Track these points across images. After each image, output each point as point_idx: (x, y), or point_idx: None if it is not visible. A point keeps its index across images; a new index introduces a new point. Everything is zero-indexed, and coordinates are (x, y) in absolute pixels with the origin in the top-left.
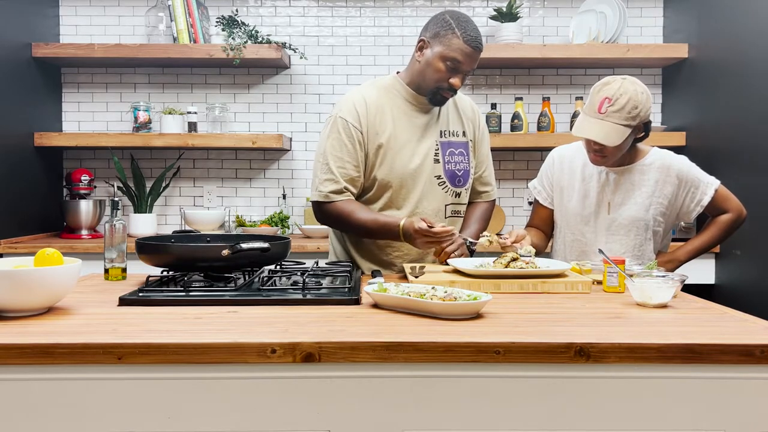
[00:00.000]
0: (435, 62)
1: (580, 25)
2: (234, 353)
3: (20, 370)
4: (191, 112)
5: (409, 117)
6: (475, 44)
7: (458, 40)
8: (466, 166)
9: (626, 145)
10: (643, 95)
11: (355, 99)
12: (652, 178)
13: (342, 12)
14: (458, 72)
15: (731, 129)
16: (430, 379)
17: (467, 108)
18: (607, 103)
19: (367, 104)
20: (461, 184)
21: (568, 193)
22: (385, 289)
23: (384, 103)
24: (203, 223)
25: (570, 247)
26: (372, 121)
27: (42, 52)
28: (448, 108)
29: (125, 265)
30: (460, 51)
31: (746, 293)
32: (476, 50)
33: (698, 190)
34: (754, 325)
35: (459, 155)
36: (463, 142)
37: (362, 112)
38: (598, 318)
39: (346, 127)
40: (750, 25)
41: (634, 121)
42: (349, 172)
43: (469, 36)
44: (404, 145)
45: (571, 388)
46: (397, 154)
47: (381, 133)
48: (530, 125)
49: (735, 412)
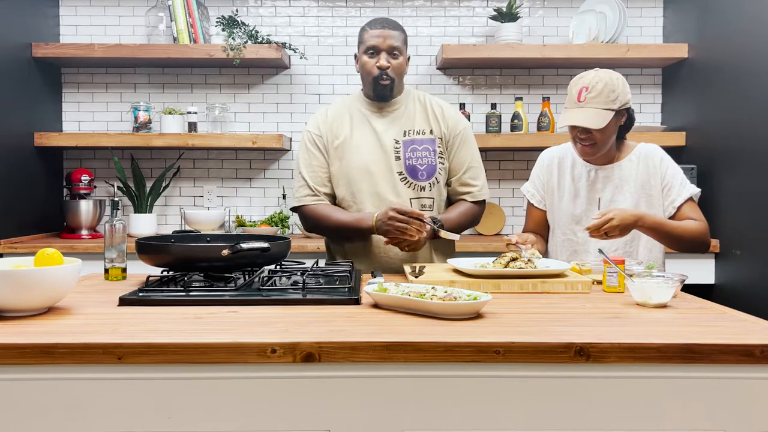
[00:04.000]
0: (362, 60)
1: (580, 25)
2: (234, 353)
3: (20, 370)
4: (191, 112)
5: (366, 121)
6: (380, 25)
7: (367, 31)
8: (432, 161)
9: (612, 132)
10: (618, 80)
11: (319, 112)
12: (640, 171)
13: (342, 12)
14: (378, 53)
15: (731, 129)
16: (430, 379)
17: (437, 110)
18: (585, 92)
19: (327, 115)
20: (423, 178)
21: (559, 194)
22: (385, 289)
23: (344, 112)
24: (203, 223)
25: (562, 246)
26: (330, 127)
27: (42, 52)
28: (415, 110)
29: (125, 265)
30: (371, 36)
31: (746, 293)
32: (384, 28)
33: (673, 189)
34: (754, 325)
35: (423, 151)
36: (429, 139)
37: (322, 121)
38: (598, 318)
39: (310, 137)
40: (750, 25)
41: (614, 105)
42: (319, 175)
43: (374, 22)
44: (360, 144)
45: (571, 388)
46: (353, 152)
47: (339, 135)
48: (530, 125)
49: (735, 412)
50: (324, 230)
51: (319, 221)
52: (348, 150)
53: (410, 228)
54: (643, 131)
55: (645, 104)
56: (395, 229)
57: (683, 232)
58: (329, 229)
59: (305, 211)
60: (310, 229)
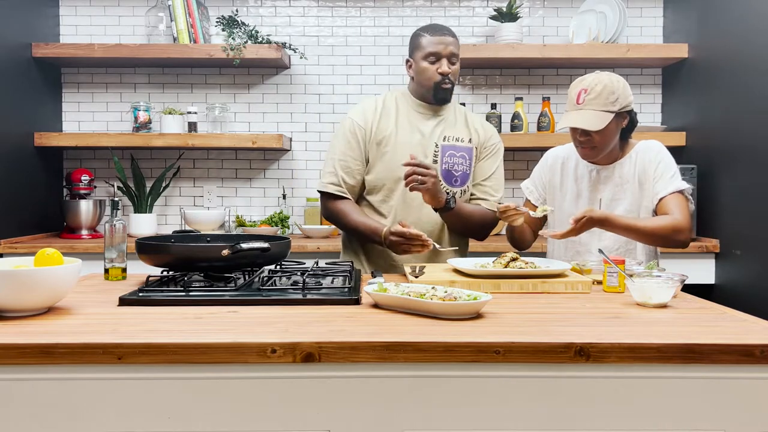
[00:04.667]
0: (421, 66)
1: (580, 25)
2: (234, 353)
3: (20, 370)
4: (191, 112)
5: (412, 122)
6: (440, 32)
7: (426, 37)
8: (466, 169)
9: (613, 135)
10: (618, 83)
11: (367, 102)
12: (638, 167)
13: (342, 12)
14: (439, 60)
15: (731, 129)
16: (430, 379)
17: (477, 122)
18: (584, 94)
19: (376, 106)
20: (457, 183)
21: (561, 194)
22: (385, 289)
23: (392, 107)
24: (203, 223)
25: (564, 247)
26: (377, 119)
27: (42, 52)
28: (457, 119)
29: (125, 265)
30: (431, 43)
31: (746, 293)
32: (444, 35)
33: (661, 181)
34: (754, 325)
35: (460, 158)
36: (468, 148)
37: (370, 111)
38: (598, 318)
39: (352, 125)
40: (750, 25)
41: (614, 107)
42: (349, 166)
43: (432, 29)
44: (402, 144)
45: (571, 388)
46: (394, 151)
47: (383, 130)
48: (530, 125)
49: (735, 412)
50: (340, 225)
51: (337, 216)
52: (390, 146)
53: (413, 247)
54: (643, 131)
55: (645, 104)
56: (400, 246)
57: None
58: (344, 226)
59: (327, 201)
60: (326, 217)
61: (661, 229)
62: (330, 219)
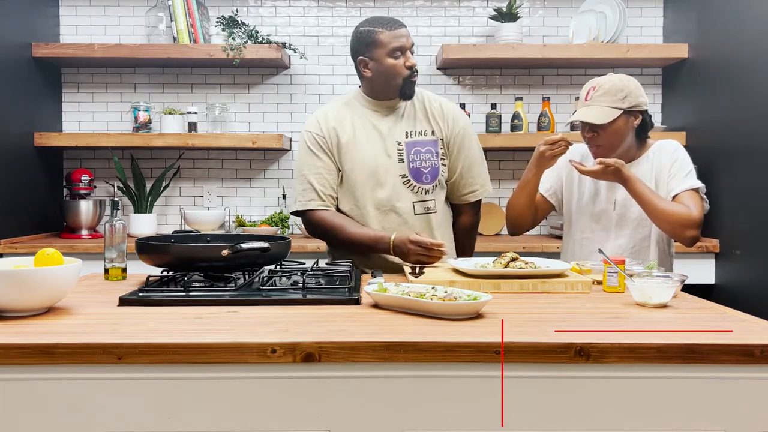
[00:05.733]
0: (387, 63)
1: (580, 25)
2: (234, 353)
3: (20, 370)
4: (191, 112)
5: (369, 122)
6: (397, 25)
7: (386, 33)
8: (434, 164)
9: (620, 133)
10: (630, 82)
11: (317, 114)
12: (654, 166)
13: (342, 12)
14: (404, 53)
15: (731, 129)
16: (430, 379)
17: (436, 108)
18: (593, 91)
19: (327, 115)
20: (428, 181)
21: (578, 190)
22: (385, 289)
23: (344, 114)
24: (203, 223)
25: (579, 245)
26: (333, 126)
27: (42, 52)
28: (415, 109)
29: (125, 265)
30: (394, 37)
31: (746, 293)
32: (401, 27)
33: (676, 178)
34: (754, 325)
35: (426, 153)
36: (432, 141)
37: (323, 121)
38: (598, 318)
39: (311, 137)
40: (750, 25)
41: (623, 104)
42: (326, 178)
43: (387, 23)
44: (365, 145)
45: (571, 388)
46: (358, 153)
47: (341, 136)
48: (530, 125)
49: (735, 412)
50: (333, 240)
51: (329, 230)
52: (351, 151)
53: (432, 258)
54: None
55: None
56: (416, 256)
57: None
58: (341, 241)
59: (311, 217)
60: (315, 235)
61: (675, 215)
62: (320, 235)
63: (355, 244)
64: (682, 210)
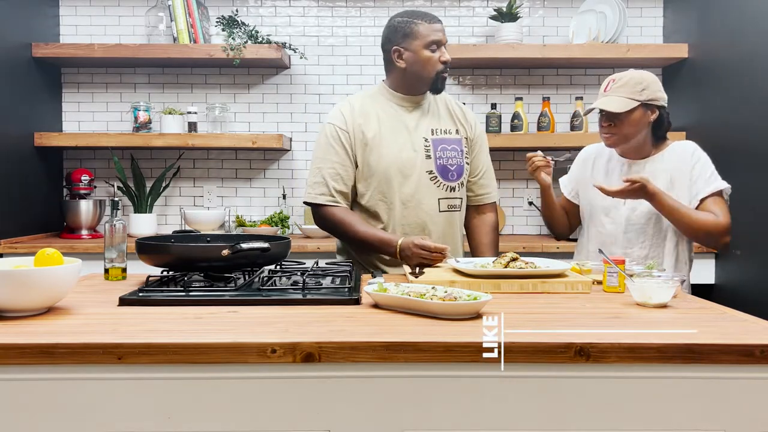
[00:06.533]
0: (424, 55)
1: (580, 25)
2: (234, 353)
3: (20, 370)
4: (191, 112)
5: (395, 117)
6: (435, 19)
7: (424, 25)
8: (460, 161)
9: (636, 125)
10: (649, 76)
11: (341, 106)
12: (671, 165)
13: (342, 12)
14: (440, 48)
15: (731, 129)
16: (430, 379)
17: (458, 110)
18: (612, 83)
19: (353, 108)
20: (454, 178)
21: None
22: (385, 289)
23: (369, 108)
24: (203, 223)
25: (594, 240)
26: (358, 121)
27: (42, 52)
28: (438, 108)
29: (125, 265)
30: (433, 30)
31: (746, 293)
32: (439, 22)
33: (699, 181)
34: (754, 325)
35: (452, 151)
36: (457, 139)
37: (348, 114)
38: (598, 318)
39: (333, 131)
40: (750, 25)
41: (640, 96)
42: (339, 173)
43: (426, 16)
44: (392, 140)
45: (571, 388)
46: (385, 147)
47: (367, 131)
48: (530, 125)
49: (735, 412)
50: (342, 236)
51: (338, 227)
52: (378, 146)
53: (434, 261)
54: None
55: None
56: (419, 259)
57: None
58: (349, 238)
59: (320, 210)
60: (323, 228)
61: (706, 225)
62: (328, 230)
63: (362, 243)
64: (709, 219)
